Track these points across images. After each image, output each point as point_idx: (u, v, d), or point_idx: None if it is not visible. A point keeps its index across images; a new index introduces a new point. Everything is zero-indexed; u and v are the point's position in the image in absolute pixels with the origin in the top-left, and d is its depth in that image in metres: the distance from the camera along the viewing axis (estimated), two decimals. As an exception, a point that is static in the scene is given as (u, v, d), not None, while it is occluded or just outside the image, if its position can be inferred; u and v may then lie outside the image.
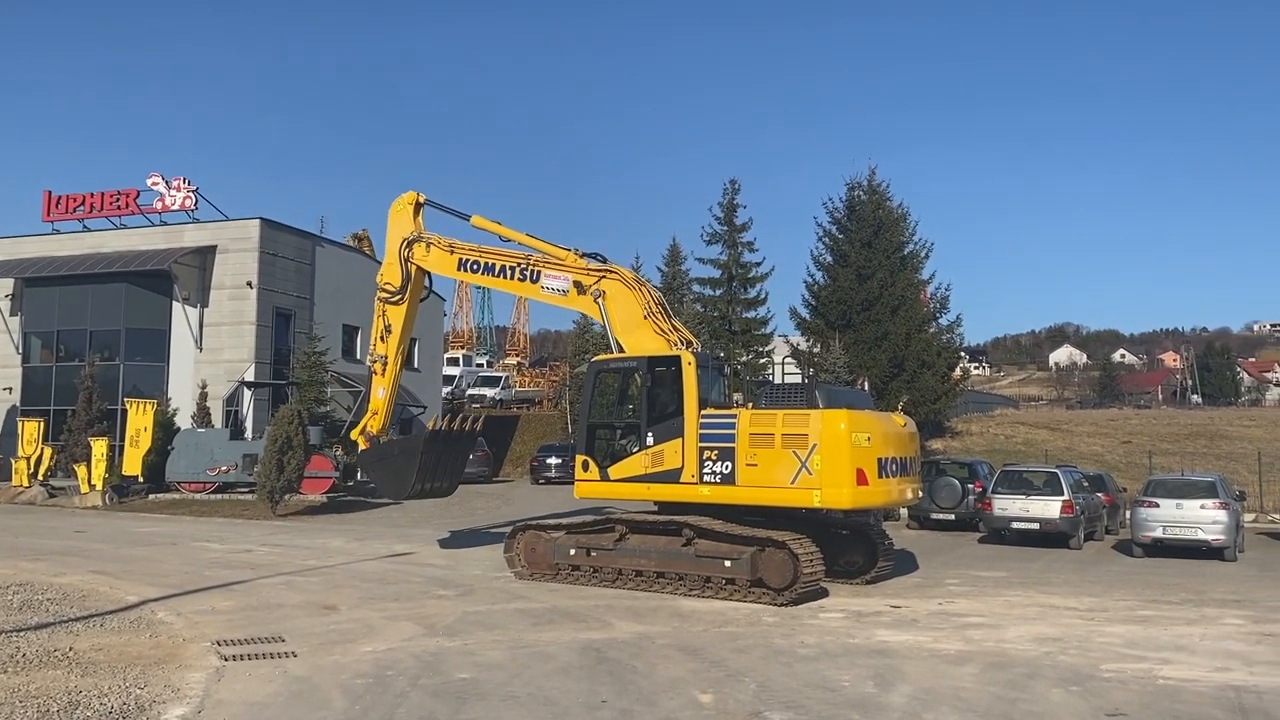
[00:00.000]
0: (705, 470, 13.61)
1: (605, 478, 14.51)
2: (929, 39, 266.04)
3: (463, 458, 18.88)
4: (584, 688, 8.45)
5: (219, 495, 28.90)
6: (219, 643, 10.04)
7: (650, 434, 14.10)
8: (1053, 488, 20.75)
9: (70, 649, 9.61)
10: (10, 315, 38.47)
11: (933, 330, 36.89)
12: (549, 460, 35.24)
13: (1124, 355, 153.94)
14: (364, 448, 18.10)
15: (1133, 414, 62.81)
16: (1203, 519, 18.61)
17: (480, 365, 71.59)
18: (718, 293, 38.02)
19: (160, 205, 37.18)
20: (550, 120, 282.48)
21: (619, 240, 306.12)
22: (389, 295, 17.79)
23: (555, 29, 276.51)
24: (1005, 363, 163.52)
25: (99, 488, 28.46)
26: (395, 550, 18.37)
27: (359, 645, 10.05)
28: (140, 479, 29.51)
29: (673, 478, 13.83)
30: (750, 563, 12.90)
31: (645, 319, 15.04)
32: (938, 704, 8.06)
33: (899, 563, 16.01)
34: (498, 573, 15.17)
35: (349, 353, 39.96)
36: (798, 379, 35.03)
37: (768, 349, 38.65)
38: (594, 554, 14.22)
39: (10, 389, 37.93)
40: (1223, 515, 18.59)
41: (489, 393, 54.26)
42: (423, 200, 17.98)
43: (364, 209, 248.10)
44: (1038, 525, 20.34)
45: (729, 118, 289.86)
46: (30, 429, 31.03)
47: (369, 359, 18.34)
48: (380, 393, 17.86)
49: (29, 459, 30.51)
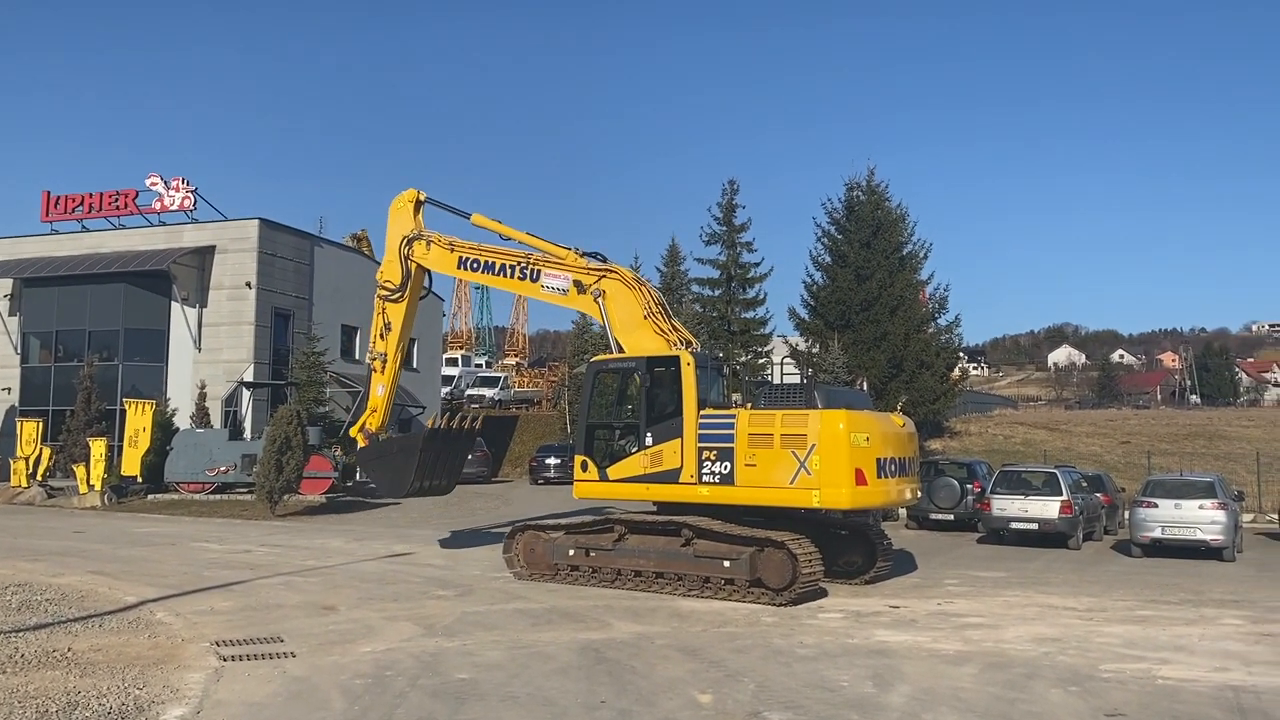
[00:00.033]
0: (704, 470, 13.61)
1: (604, 478, 14.51)
2: (929, 39, 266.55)
3: (461, 456, 18.89)
4: (583, 688, 8.46)
5: (218, 496, 28.91)
6: (218, 643, 10.04)
7: (649, 434, 14.10)
8: (1051, 488, 20.76)
9: (69, 649, 9.60)
10: (9, 315, 38.44)
11: (931, 330, 36.90)
12: (548, 460, 35.23)
13: (1123, 355, 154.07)
14: (363, 445, 18.11)
15: (1131, 414, 62.86)
16: (1201, 519, 18.63)
17: (479, 366, 71.53)
18: (716, 293, 38.04)
19: (159, 205, 37.17)
20: (550, 120, 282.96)
21: (618, 240, 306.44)
22: (389, 293, 17.79)
23: (555, 29, 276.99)
24: (1004, 363, 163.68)
25: (98, 488, 28.45)
26: (394, 550, 18.37)
27: (358, 646, 10.05)
28: (139, 479, 29.51)
29: (672, 478, 13.84)
30: (749, 563, 12.91)
31: (645, 319, 15.03)
32: (937, 704, 8.06)
33: (898, 563, 16.01)
34: (497, 573, 15.17)
35: (348, 353, 39.95)
36: (796, 379, 35.03)
37: (766, 349, 38.66)
38: (593, 554, 14.22)
39: (9, 389, 37.91)
40: (1221, 515, 18.61)
41: (488, 393, 54.24)
42: (423, 198, 17.97)
43: (363, 209, 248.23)
44: (1036, 525, 20.35)
45: (728, 118, 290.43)
46: (29, 429, 31.03)
47: (368, 356, 18.35)
48: (379, 390, 17.86)
49: (28, 459, 30.51)
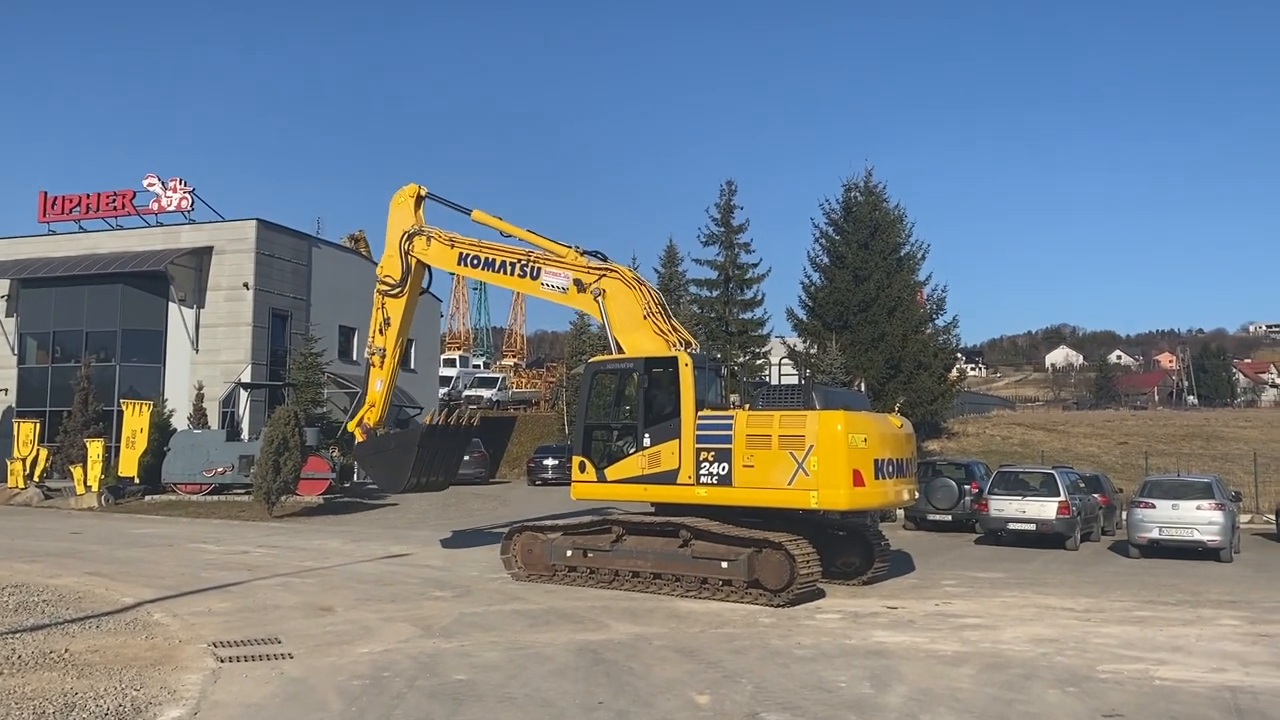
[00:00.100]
0: (702, 471, 13.60)
1: (602, 479, 14.50)
2: (929, 39, 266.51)
3: (458, 453, 18.92)
4: (581, 689, 8.45)
5: (215, 496, 28.85)
6: (215, 644, 10.03)
7: (647, 435, 14.09)
8: (1049, 489, 20.77)
9: (66, 650, 9.59)
10: (6, 316, 38.42)
11: (929, 331, 36.93)
12: (546, 461, 35.20)
13: (1120, 356, 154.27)
14: (361, 440, 18.11)
15: (1129, 415, 62.99)
16: (1199, 520, 18.64)
17: (477, 366, 71.51)
18: (714, 294, 38.05)
19: (157, 206, 37.18)
20: (549, 120, 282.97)
21: (617, 240, 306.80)
22: (388, 288, 17.78)
23: (555, 29, 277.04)
24: (1002, 364, 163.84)
25: (95, 489, 28.40)
26: (392, 551, 18.36)
27: (356, 647, 10.04)
28: (136, 480, 29.45)
29: (669, 479, 13.83)
30: (747, 564, 12.91)
31: (645, 319, 15.02)
32: (934, 705, 8.07)
33: (895, 564, 16.02)
34: (495, 574, 15.17)
35: (345, 354, 39.95)
36: (794, 380, 35.05)
37: (764, 350, 38.67)
38: (591, 555, 14.22)
39: (6, 390, 37.90)
40: (1219, 516, 18.63)
41: (486, 394, 54.21)
42: (424, 193, 17.94)
43: (361, 210, 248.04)
44: (1034, 526, 20.36)
45: (727, 118, 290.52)
46: (26, 430, 30.99)
47: (367, 351, 18.35)
48: (378, 385, 17.87)
49: (25, 460, 30.46)
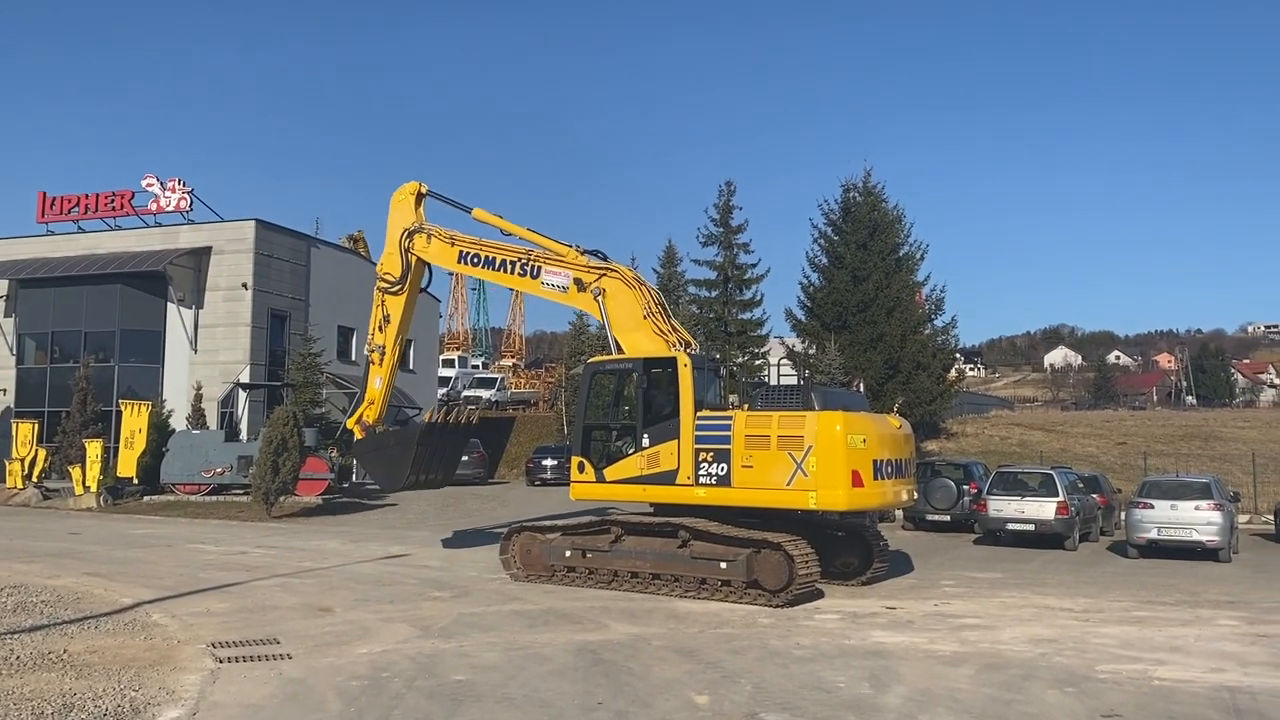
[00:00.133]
0: (701, 472, 13.60)
1: (601, 479, 14.50)
2: (928, 39, 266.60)
3: (457, 451, 18.95)
4: (579, 689, 8.45)
5: (214, 497, 28.85)
6: (214, 645, 10.02)
7: (646, 435, 14.09)
8: (1048, 489, 20.78)
9: (65, 651, 9.58)
10: (4, 316, 38.40)
11: (928, 332, 36.92)
12: (545, 462, 35.18)
13: (1119, 357, 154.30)
14: (360, 437, 18.11)
15: (1127, 415, 63.01)
16: (1197, 520, 18.65)
17: (476, 367, 71.52)
18: (713, 294, 38.03)
19: (155, 207, 37.17)
20: (549, 120, 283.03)
21: (616, 241, 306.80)
22: (388, 285, 17.77)
23: (555, 29, 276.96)
24: (1000, 364, 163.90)
25: (94, 489, 28.40)
26: (391, 552, 18.36)
27: (354, 647, 10.04)
28: (135, 481, 29.44)
29: (668, 479, 13.82)
30: (746, 564, 12.91)
31: (645, 319, 15.02)
32: (933, 705, 8.07)
33: (894, 564, 16.02)
34: (493, 574, 15.16)
35: (344, 354, 39.94)
36: (793, 381, 35.06)
37: (763, 351, 38.66)
38: (589, 555, 14.22)
39: (4, 390, 37.87)
40: (1217, 516, 18.64)
41: (485, 394, 54.16)
42: (425, 191, 17.92)
43: (361, 210, 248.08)
44: (1033, 526, 20.36)
45: (727, 119, 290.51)
46: (25, 431, 30.98)
47: (367, 348, 18.36)
48: (377, 382, 17.88)
49: (23, 461, 30.47)
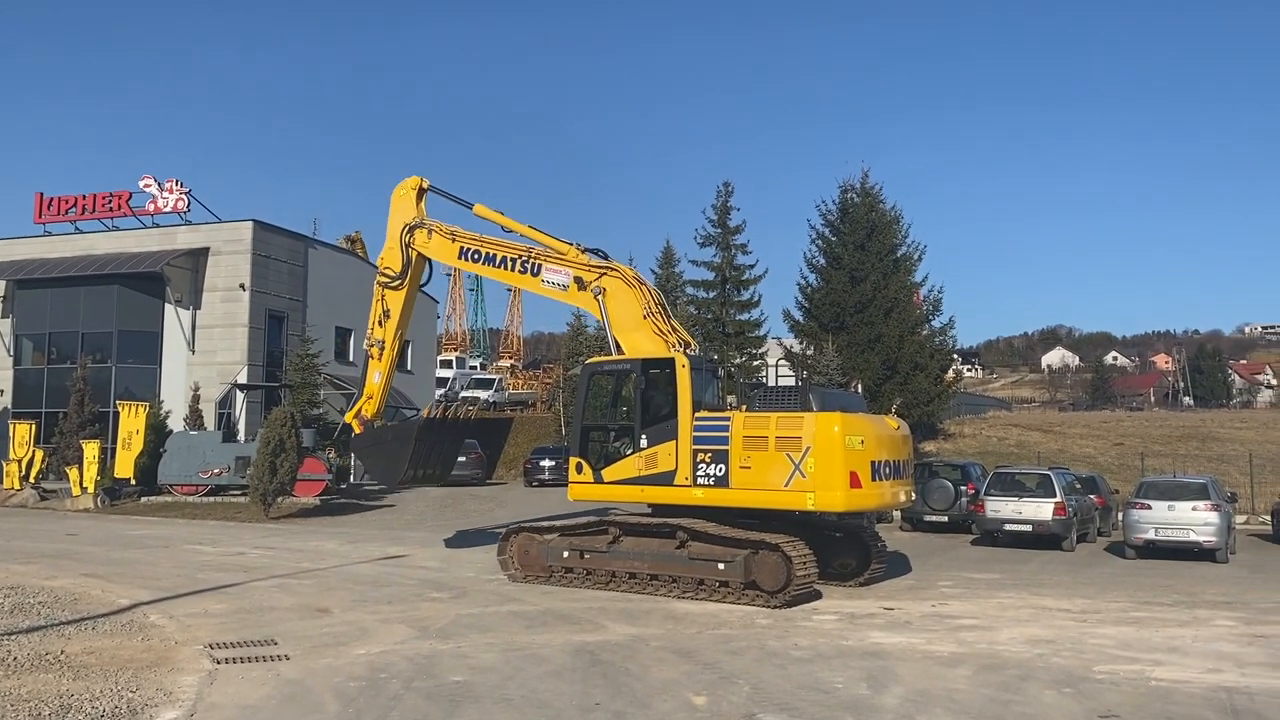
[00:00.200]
0: (699, 473, 13.60)
1: (599, 480, 14.50)
2: (928, 39, 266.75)
3: (455, 447, 18.96)
4: (577, 690, 8.45)
5: (211, 498, 28.83)
6: (211, 646, 10.01)
7: (644, 436, 14.09)
8: (1045, 490, 20.78)
9: (62, 652, 9.57)
10: (2, 317, 38.36)
11: (925, 333, 36.91)
12: (542, 463, 35.15)
13: (1116, 357, 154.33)
14: (358, 432, 18.10)
15: (1125, 416, 63.07)
16: (1195, 521, 18.66)
17: (474, 368, 71.54)
18: (711, 295, 38.02)
19: (153, 207, 37.15)
20: (548, 120, 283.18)
21: (615, 241, 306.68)
22: (389, 280, 17.75)
23: (555, 29, 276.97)
24: (998, 365, 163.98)
25: (91, 490, 28.38)
26: (388, 553, 18.34)
27: (352, 648, 10.04)
28: (132, 481, 29.43)
29: (666, 480, 13.83)
30: (744, 565, 12.91)
31: (645, 319, 15.02)
32: (931, 705, 8.07)
33: (892, 565, 16.02)
34: (491, 575, 15.16)
35: (342, 355, 39.92)
36: (791, 381, 35.05)
37: (761, 351, 38.65)
38: (587, 556, 14.22)
39: (2, 391, 37.82)
40: (1214, 517, 18.65)
41: (482, 395, 54.20)
42: (426, 186, 17.90)
43: (359, 210, 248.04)
44: (1030, 527, 20.37)
45: (726, 119, 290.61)
46: (22, 431, 30.96)
47: (366, 343, 18.35)
48: (376, 377, 17.88)
49: (20, 462, 30.45)
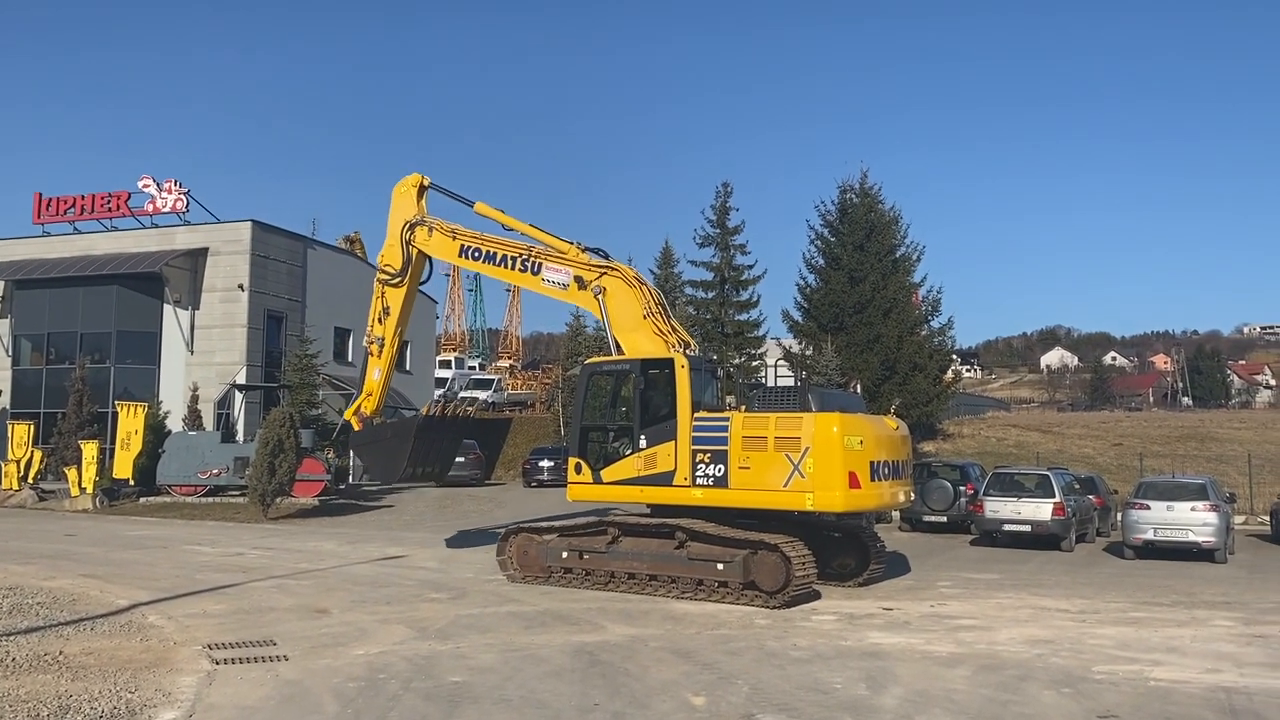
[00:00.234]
0: (698, 473, 13.60)
1: (598, 480, 14.51)
2: (928, 39, 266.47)
3: (454, 445, 18.96)
4: (576, 690, 8.45)
5: (210, 498, 28.81)
6: (210, 646, 10.01)
7: (643, 437, 14.09)
8: (1044, 490, 20.78)
9: (60, 653, 9.56)
10: (0, 318, 38.31)
11: (924, 333, 36.96)
12: (541, 463, 35.16)
13: (1115, 358, 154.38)
14: (357, 429, 18.09)
15: (1124, 416, 63.17)
16: (1193, 521, 18.67)
17: (473, 368, 71.52)
18: (710, 295, 38.04)
19: (152, 208, 37.13)
20: (548, 121, 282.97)
21: (614, 241, 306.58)
22: (389, 277, 17.74)
23: (554, 29, 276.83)
24: (997, 365, 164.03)
25: (89, 491, 28.34)
26: (387, 553, 18.33)
27: (351, 649, 10.03)
28: (131, 482, 29.39)
29: (665, 480, 13.83)
30: (743, 565, 12.91)
31: (645, 318, 15.02)
32: (930, 706, 8.07)
33: (891, 565, 16.02)
34: (490, 575, 15.16)
35: (341, 355, 39.92)
36: (790, 382, 35.07)
37: (760, 352, 38.68)
38: (586, 557, 14.21)
39: (0, 392, 37.78)
40: (1213, 517, 18.65)
41: (481, 395, 54.19)
42: (427, 183, 17.87)
43: (358, 211, 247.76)
44: (1029, 527, 20.38)
45: (725, 120, 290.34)
46: (20, 432, 30.92)
47: (365, 340, 18.34)
48: (376, 374, 17.87)
49: (19, 462, 30.41)
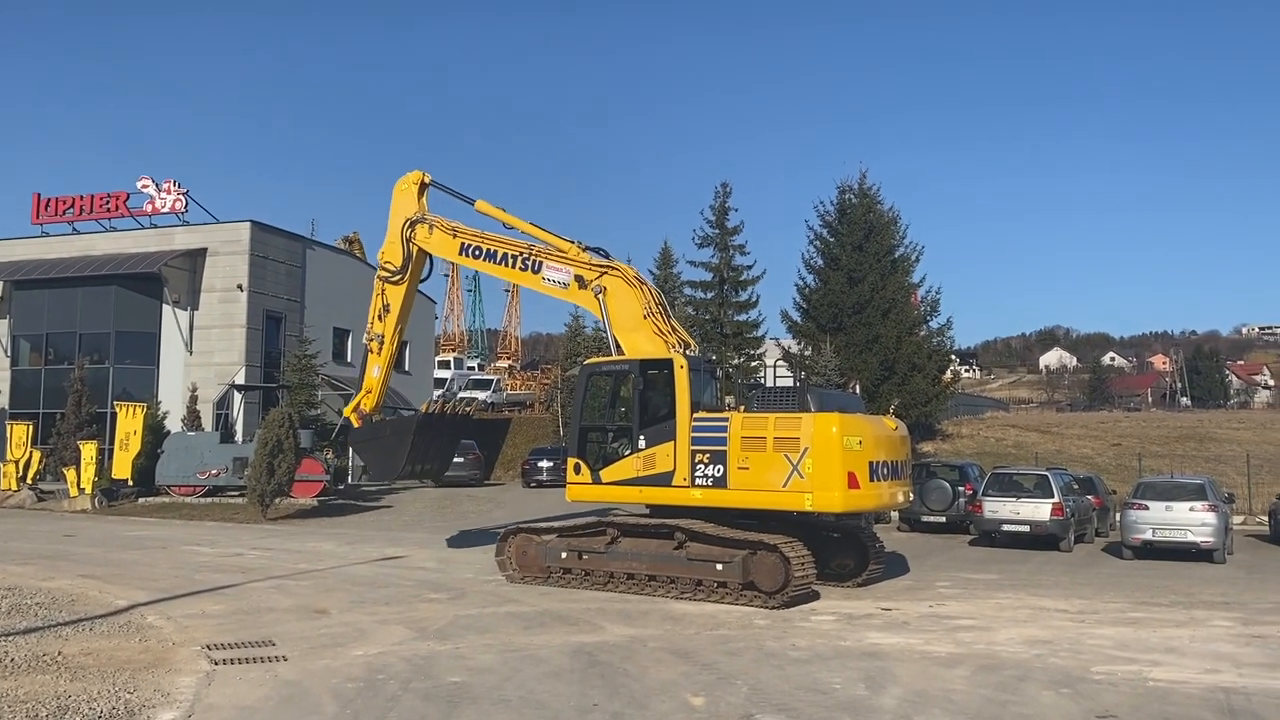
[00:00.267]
0: (697, 473, 13.60)
1: (597, 480, 14.51)
2: (928, 39, 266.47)
3: (453, 443, 18.98)
4: (575, 691, 8.45)
5: (209, 499, 28.79)
6: (209, 647, 10.00)
7: (642, 437, 14.09)
8: (1043, 490, 20.78)
9: (59, 653, 9.56)
10: (-1, 318, 38.32)
11: (923, 333, 36.96)
12: (540, 463, 35.17)
13: (1114, 358, 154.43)
14: (357, 426, 18.08)
15: (1122, 416, 63.16)
16: (1192, 521, 18.68)
17: (472, 368, 71.50)
18: (709, 296, 38.03)
19: (150, 208, 37.12)
20: (548, 121, 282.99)
21: (613, 242, 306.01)
22: (389, 274, 17.73)
23: (554, 29, 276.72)
24: (996, 365, 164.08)
25: (88, 491, 28.32)
26: (386, 554, 18.33)
27: (350, 649, 10.03)
28: (130, 482, 29.38)
29: (664, 481, 13.83)
30: (742, 566, 12.91)
31: (645, 318, 15.02)
32: (929, 706, 8.08)
33: (890, 565, 16.02)
34: (489, 576, 15.15)
35: (340, 356, 39.90)
36: (789, 382, 35.08)
37: (759, 352, 38.66)
38: (586, 557, 14.21)
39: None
40: (1212, 517, 18.66)
41: (480, 396, 54.18)
42: (428, 181, 17.84)
43: (358, 211, 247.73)
44: (1028, 528, 20.38)
45: (725, 120, 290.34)
46: (19, 432, 30.90)
47: (365, 337, 18.33)
48: (375, 371, 17.87)
49: (17, 462, 30.39)
